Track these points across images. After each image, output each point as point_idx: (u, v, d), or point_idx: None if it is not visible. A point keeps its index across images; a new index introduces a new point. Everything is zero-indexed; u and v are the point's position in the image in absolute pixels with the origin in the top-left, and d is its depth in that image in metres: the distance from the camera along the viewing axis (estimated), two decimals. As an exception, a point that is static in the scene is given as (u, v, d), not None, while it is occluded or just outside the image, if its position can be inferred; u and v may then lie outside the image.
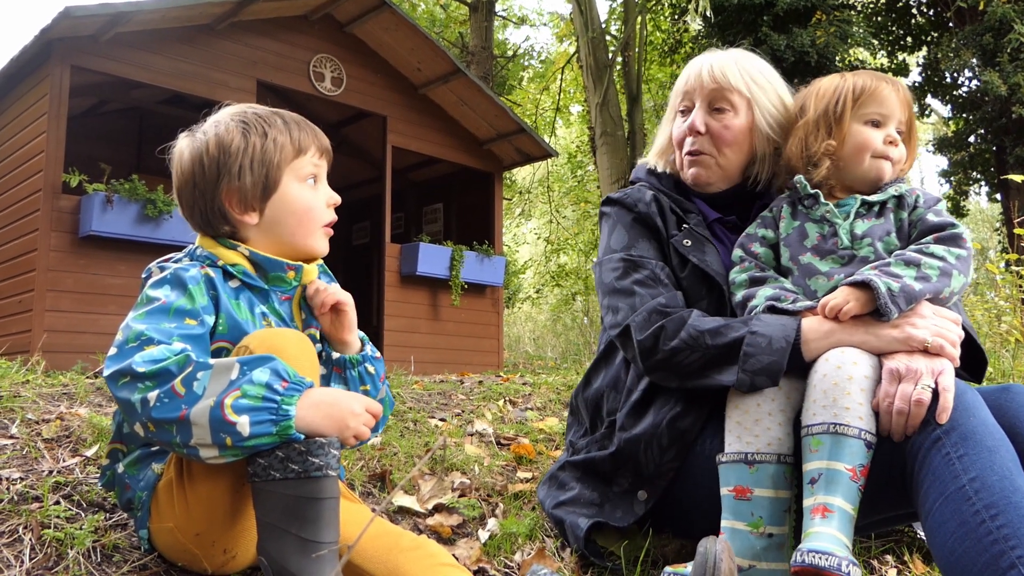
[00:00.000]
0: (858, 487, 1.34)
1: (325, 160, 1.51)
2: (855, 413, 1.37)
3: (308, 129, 1.48)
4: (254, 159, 1.41)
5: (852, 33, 12.70)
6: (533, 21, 20.14)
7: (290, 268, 1.44)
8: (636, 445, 1.64)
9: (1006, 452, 1.28)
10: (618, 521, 1.64)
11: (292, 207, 1.44)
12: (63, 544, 1.43)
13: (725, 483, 1.49)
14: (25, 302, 5.56)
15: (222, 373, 1.19)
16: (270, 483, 1.20)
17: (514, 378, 4.71)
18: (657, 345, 1.58)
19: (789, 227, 1.66)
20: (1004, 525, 1.18)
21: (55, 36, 5.61)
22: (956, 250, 1.52)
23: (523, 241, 22.35)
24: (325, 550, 1.20)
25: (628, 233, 1.78)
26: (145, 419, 1.18)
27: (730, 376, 1.49)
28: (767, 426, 1.47)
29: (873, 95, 1.63)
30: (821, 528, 1.30)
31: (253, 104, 1.51)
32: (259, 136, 1.42)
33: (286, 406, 1.19)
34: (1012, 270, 4.76)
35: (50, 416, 2.16)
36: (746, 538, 1.43)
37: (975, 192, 15.34)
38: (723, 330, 1.53)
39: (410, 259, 7.52)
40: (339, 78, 7.40)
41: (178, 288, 1.32)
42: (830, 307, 1.47)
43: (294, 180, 1.44)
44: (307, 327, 1.50)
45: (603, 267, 1.79)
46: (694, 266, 1.70)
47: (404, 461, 2.22)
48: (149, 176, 6.01)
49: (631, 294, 1.68)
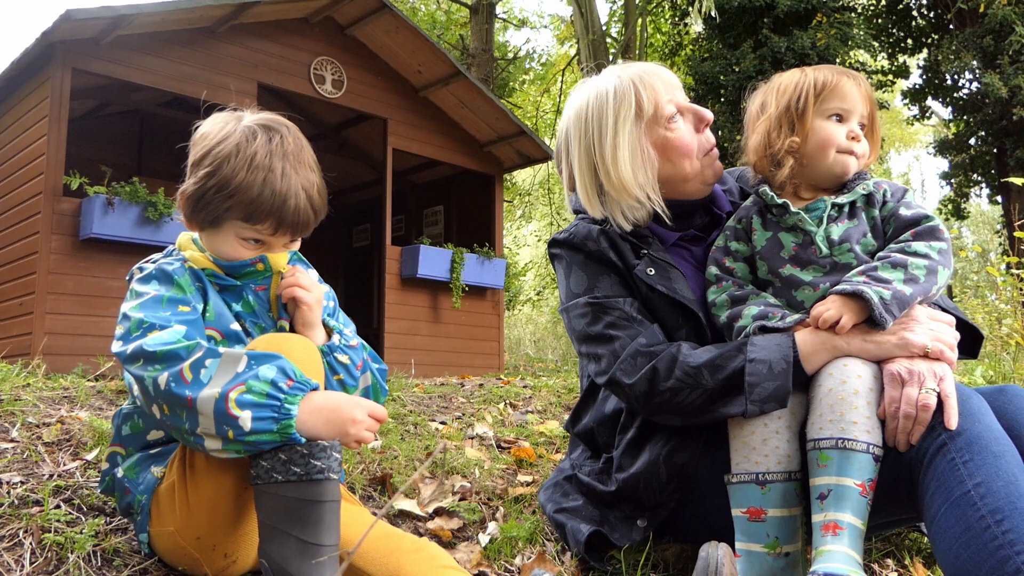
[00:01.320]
0: (867, 502, 1.33)
1: (285, 235, 1.43)
2: (862, 427, 1.35)
3: (280, 205, 1.37)
4: (204, 195, 1.37)
5: (852, 35, 12.72)
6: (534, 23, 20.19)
7: (255, 262, 1.44)
8: (635, 483, 1.62)
9: (1012, 457, 1.27)
10: (617, 540, 1.64)
11: (220, 247, 1.43)
12: (63, 548, 1.43)
13: (737, 505, 1.47)
14: (26, 305, 5.56)
15: (230, 364, 1.21)
16: (272, 485, 1.21)
17: (515, 381, 4.71)
18: (653, 389, 1.52)
19: (762, 239, 1.62)
20: (1009, 530, 1.18)
21: (56, 39, 5.61)
22: (937, 244, 1.51)
23: (523, 243, 22.36)
24: (326, 555, 1.20)
25: (585, 273, 1.68)
26: (160, 401, 1.21)
27: (738, 408, 1.45)
28: (775, 444, 1.45)
29: (835, 90, 1.59)
30: (833, 547, 1.29)
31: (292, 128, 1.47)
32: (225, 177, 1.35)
33: (289, 405, 1.20)
34: (1013, 273, 4.75)
35: (51, 420, 2.16)
36: (764, 560, 1.42)
37: (976, 194, 15.35)
38: (719, 362, 1.48)
39: (411, 261, 7.52)
40: (340, 80, 7.41)
41: (165, 281, 1.37)
42: (823, 320, 1.45)
43: (232, 234, 1.41)
44: (281, 317, 1.50)
45: (570, 314, 1.69)
46: (663, 294, 1.62)
47: (405, 464, 2.22)
48: (150, 179, 6.01)
49: (609, 340, 1.60)
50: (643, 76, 1.66)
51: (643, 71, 1.68)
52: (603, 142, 1.64)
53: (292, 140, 1.43)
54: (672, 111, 1.67)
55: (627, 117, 1.63)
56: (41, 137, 5.72)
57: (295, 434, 1.20)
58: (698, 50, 14.60)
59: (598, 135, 1.65)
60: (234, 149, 1.37)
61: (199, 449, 1.23)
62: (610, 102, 1.65)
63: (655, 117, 1.65)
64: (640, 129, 1.65)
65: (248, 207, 1.36)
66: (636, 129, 1.64)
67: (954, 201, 14.52)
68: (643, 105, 1.63)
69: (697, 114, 1.71)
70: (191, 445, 1.24)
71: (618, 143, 1.63)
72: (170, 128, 8.58)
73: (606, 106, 1.65)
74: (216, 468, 1.27)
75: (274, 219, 1.38)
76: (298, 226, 1.42)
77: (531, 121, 17.40)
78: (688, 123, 1.70)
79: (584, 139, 1.68)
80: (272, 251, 1.45)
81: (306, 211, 1.41)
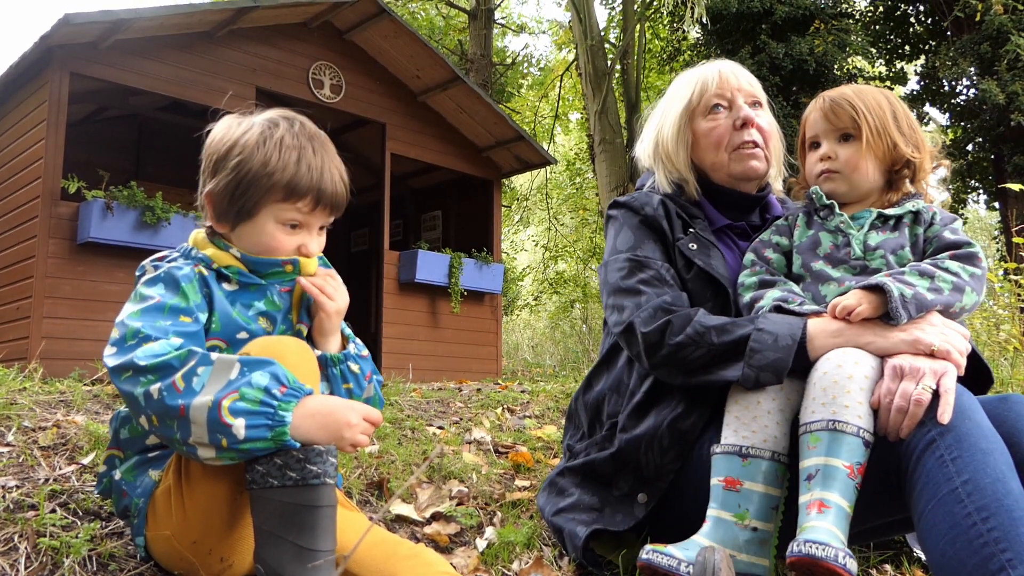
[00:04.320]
0: (855, 485, 1.34)
1: (324, 213, 1.44)
2: (855, 412, 1.37)
3: (318, 178, 1.40)
4: (239, 184, 1.38)
5: (850, 42, 12.76)
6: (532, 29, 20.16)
7: (286, 263, 1.43)
8: (637, 446, 1.64)
9: (1000, 455, 1.28)
10: (618, 525, 1.64)
11: (258, 238, 1.41)
12: (59, 553, 1.43)
13: (716, 473, 1.49)
14: (23, 309, 5.55)
15: (222, 371, 1.20)
16: (268, 490, 1.20)
17: (512, 386, 4.71)
18: (663, 340, 1.59)
19: (803, 235, 1.70)
20: (995, 528, 1.18)
21: (55, 43, 5.61)
22: (971, 268, 1.53)
23: (521, 248, 22.36)
24: (322, 559, 1.19)
25: (634, 235, 1.80)
26: (150, 412, 1.19)
27: (735, 372, 1.50)
28: (765, 423, 1.48)
29: (807, 121, 1.75)
30: (817, 522, 1.30)
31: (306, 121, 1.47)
32: (260, 163, 1.37)
33: (282, 412, 1.19)
34: (1010, 279, 4.76)
35: (47, 424, 2.15)
36: (730, 528, 1.44)
37: (973, 200, 15.38)
38: (729, 327, 1.54)
39: (409, 266, 7.52)
40: (338, 85, 7.41)
41: (171, 287, 1.33)
42: (841, 307, 1.47)
43: (271, 218, 1.40)
44: (301, 320, 1.49)
45: (608, 268, 1.80)
46: (699, 269, 1.72)
47: (402, 469, 2.21)
48: (147, 183, 6.02)
49: (636, 292, 1.69)
50: (710, 71, 1.87)
51: (716, 67, 1.88)
52: (665, 116, 1.91)
53: (311, 126, 1.47)
54: (715, 103, 1.84)
55: (682, 100, 1.88)
56: (39, 141, 5.71)
57: (290, 440, 1.19)
58: (696, 56, 14.63)
59: (665, 109, 1.93)
60: (260, 138, 1.39)
61: (192, 458, 1.22)
62: (680, 88, 1.91)
63: (700, 106, 1.86)
64: (687, 113, 1.87)
65: (287, 185, 1.37)
66: (685, 112, 1.87)
67: (952, 207, 14.54)
68: (694, 95, 1.86)
69: (737, 113, 1.83)
70: (184, 454, 1.23)
71: (668, 120, 1.90)
72: (168, 132, 8.63)
73: (678, 89, 1.92)
74: (212, 473, 1.26)
75: (313, 194, 1.40)
76: (336, 202, 1.44)
77: (529, 126, 17.39)
78: (729, 119, 1.84)
79: (660, 113, 1.96)
80: (310, 235, 1.44)
81: (341, 187, 1.45)
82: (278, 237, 1.41)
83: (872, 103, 1.67)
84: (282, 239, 1.42)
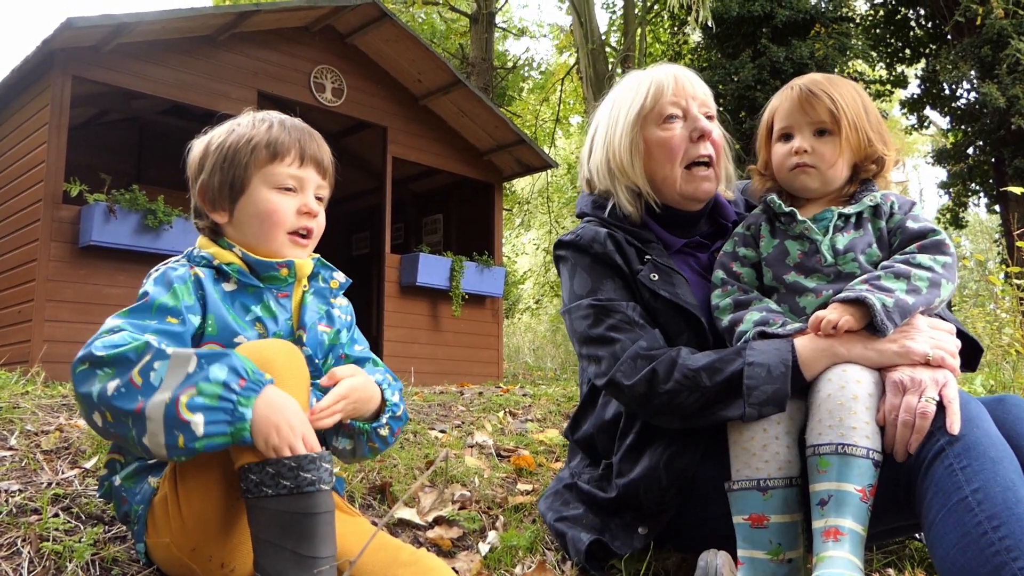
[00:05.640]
0: (867, 507, 1.33)
1: (312, 170, 1.47)
2: (862, 432, 1.35)
3: (297, 136, 1.46)
4: (225, 158, 1.44)
5: (851, 45, 12.77)
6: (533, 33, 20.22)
7: (281, 266, 1.44)
8: (636, 489, 1.61)
9: (1009, 463, 1.27)
10: (618, 548, 1.63)
11: (255, 210, 1.44)
12: (62, 557, 1.42)
13: (738, 512, 1.46)
14: (25, 312, 5.55)
15: (179, 365, 1.17)
16: (263, 499, 1.18)
17: (514, 389, 4.71)
18: (652, 391, 1.53)
19: (769, 246, 1.65)
20: (1006, 536, 1.18)
21: (57, 47, 5.62)
22: (942, 258, 1.52)
23: (522, 252, 22.36)
24: (324, 566, 1.18)
25: (590, 276, 1.71)
26: (104, 408, 1.17)
27: (736, 411, 1.45)
28: (775, 450, 1.44)
29: (778, 112, 1.66)
30: (834, 552, 1.29)
31: (273, 111, 1.53)
32: (238, 137, 1.45)
33: (242, 408, 1.17)
34: (1012, 282, 4.75)
35: (49, 427, 2.15)
36: (767, 567, 1.41)
37: (974, 203, 15.38)
38: (718, 365, 1.49)
39: (410, 269, 7.52)
40: (340, 89, 7.42)
41: (163, 286, 1.34)
42: (825, 322, 1.45)
43: (263, 185, 1.44)
44: (301, 327, 1.49)
45: (572, 316, 1.71)
46: (666, 300, 1.64)
47: (404, 473, 2.21)
48: (149, 186, 6.02)
49: (609, 342, 1.62)
50: (665, 76, 1.76)
51: (671, 72, 1.77)
52: (615, 123, 1.78)
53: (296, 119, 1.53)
54: (670, 112, 1.73)
55: (633, 107, 1.75)
56: (41, 144, 5.72)
57: (247, 437, 1.17)
58: (697, 59, 14.64)
59: (614, 115, 1.79)
60: (232, 124, 1.48)
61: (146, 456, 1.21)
62: (628, 91, 1.79)
63: (654, 113, 1.74)
64: (640, 121, 1.75)
65: (269, 144, 1.43)
66: (637, 119, 1.75)
67: (952, 210, 14.54)
68: (647, 100, 1.74)
69: (693, 124, 1.74)
70: (139, 453, 1.22)
71: (619, 128, 1.77)
72: (170, 136, 8.59)
73: (627, 92, 1.79)
74: (206, 481, 1.26)
75: (296, 148, 1.44)
76: (321, 160, 1.48)
77: (530, 130, 17.42)
78: (685, 130, 1.73)
79: (607, 119, 1.82)
80: (308, 200, 1.46)
81: (323, 146, 1.49)
82: (275, 200, 1.44)
83: (848, 97, 1.61)
84: (280, 201, 1.44)
